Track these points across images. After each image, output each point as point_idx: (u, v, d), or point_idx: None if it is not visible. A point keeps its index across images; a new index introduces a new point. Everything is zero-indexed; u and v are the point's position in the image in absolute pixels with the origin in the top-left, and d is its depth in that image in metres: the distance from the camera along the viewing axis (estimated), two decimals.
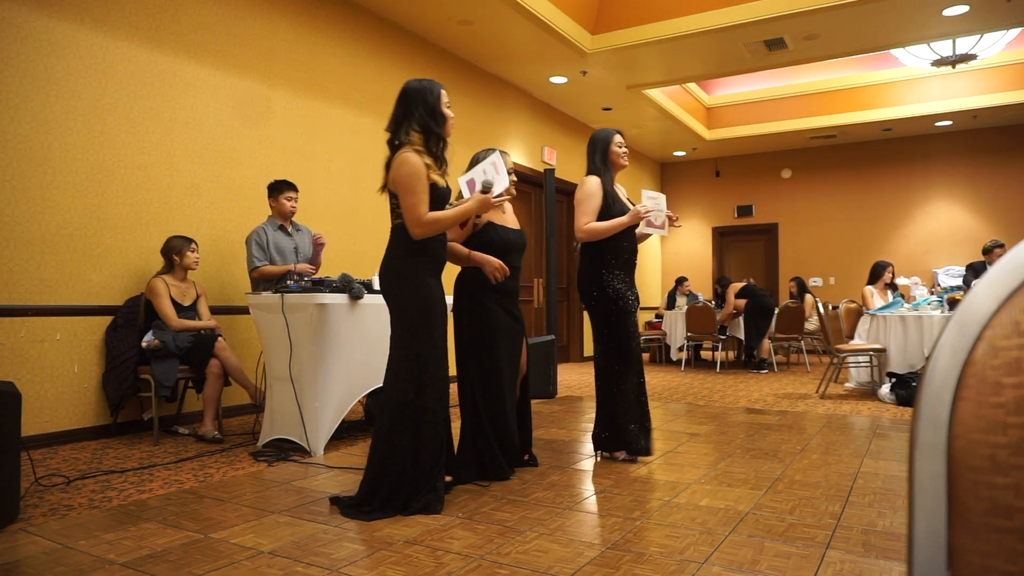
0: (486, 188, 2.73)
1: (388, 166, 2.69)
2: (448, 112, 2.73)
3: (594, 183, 3.44)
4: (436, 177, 2.66)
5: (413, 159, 2.59)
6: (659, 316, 9.02)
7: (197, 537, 2.34)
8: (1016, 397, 0.42)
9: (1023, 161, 9.84)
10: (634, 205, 3.50)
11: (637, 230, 3.53)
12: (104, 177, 4.17)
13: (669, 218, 3.61)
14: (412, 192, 2.56)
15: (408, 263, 2.67)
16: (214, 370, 4.10)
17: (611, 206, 3.42)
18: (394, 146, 2.69)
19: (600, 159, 3.53)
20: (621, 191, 3.61)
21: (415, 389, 2.61)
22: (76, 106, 4.03)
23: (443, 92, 2.74)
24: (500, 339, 3.11)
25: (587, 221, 3.38)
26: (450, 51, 6.97)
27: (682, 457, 3.59)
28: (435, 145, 2.69)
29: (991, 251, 7.10)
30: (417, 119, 2.67)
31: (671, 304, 9.44)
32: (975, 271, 7.52)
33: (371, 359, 3.89)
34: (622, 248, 3.46)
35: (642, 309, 9.47)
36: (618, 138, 3.58)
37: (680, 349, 8.56)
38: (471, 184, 2.85)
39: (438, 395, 2.66)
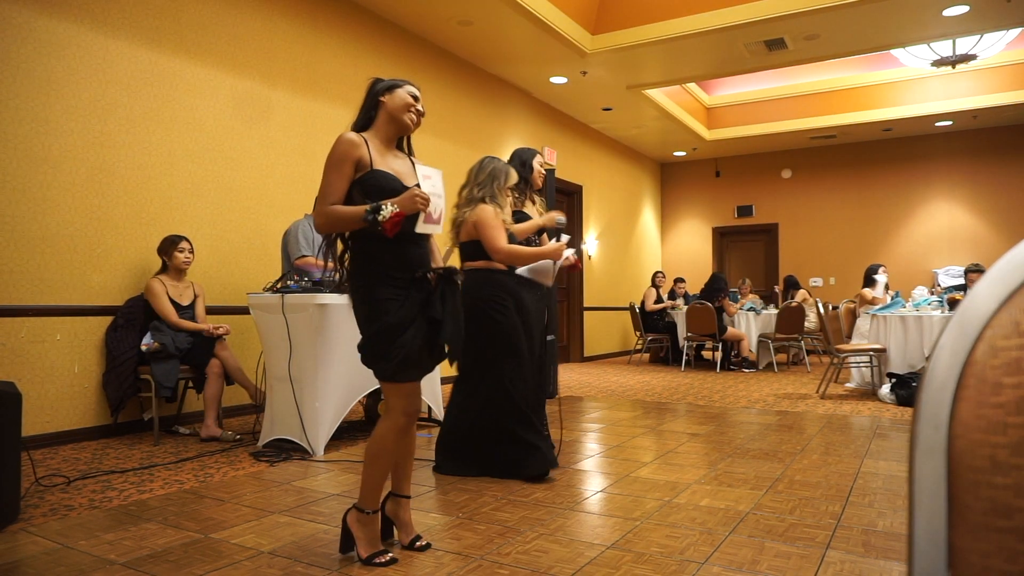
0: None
1: None
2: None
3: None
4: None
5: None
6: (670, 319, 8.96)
7: (197, 537, 2.34)
8: (1016, 397, 0.42)
9: (1023, 161, 9.84)
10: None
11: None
12: (104, 177, 4.17)
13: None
14: None
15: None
16: (214, 370, 4.10)
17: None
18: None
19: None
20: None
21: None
22: (76, 106, 4.03)
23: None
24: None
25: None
26: (450, 51, 6.97)
27: (682, 457, 3.59)
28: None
29: (966, 274, 7.27)
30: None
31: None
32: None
33: None
34: None
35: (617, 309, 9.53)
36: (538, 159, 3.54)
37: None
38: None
39: None
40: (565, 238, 3.20)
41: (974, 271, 7.11)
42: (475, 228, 3.04)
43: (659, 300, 9.22)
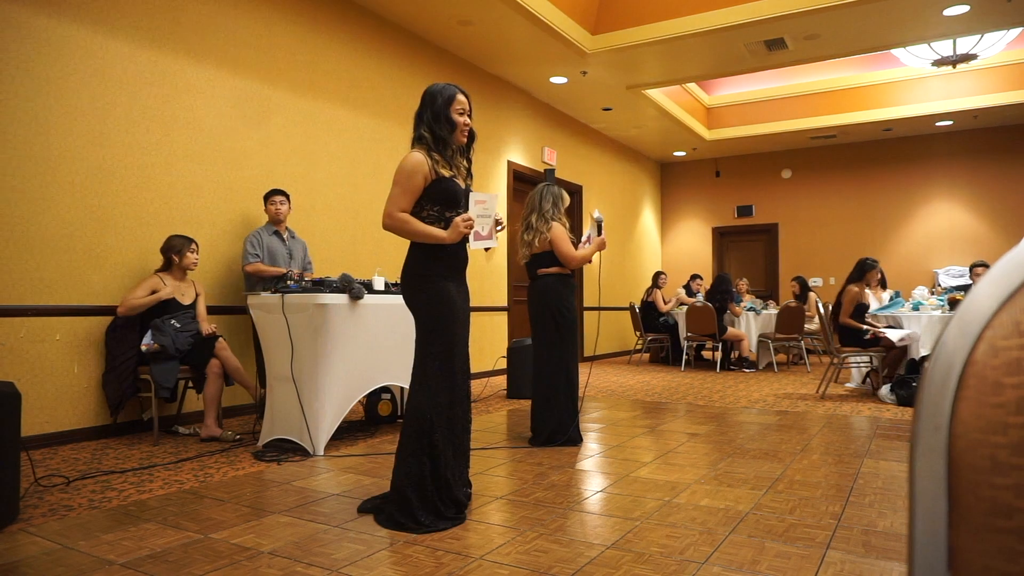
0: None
1: None
2: (457, 118, 2.64)
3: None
4: (443, 171, 2.61)
5: (411, 157, 2.58)
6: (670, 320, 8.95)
7: (197, 537, 2.34)
8: (1017, 397, 0.42)
9: (1023, 161, 9.84)
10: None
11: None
12: (104, 177, 4.17)
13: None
14: (395, 184, 2.59)
15: (425, 266, 2.62)
16: (214, 370, 4.10)
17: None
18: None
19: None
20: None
21: (430, 393, 2.56)
22: (76, 106, 4.03)
23: (458, 97, 2.64)
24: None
25: None
26: (450, 51, 6.97)
27: (682, 457, 3.58)
28: (442, 149, 2.63)
29: (971, 270, 7.28)
30: (425, 121, 2.64)
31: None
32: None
33: (371, 359, 3.89)
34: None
35: (615, 309, 9.53)
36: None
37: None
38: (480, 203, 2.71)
39: (452, 400, 2.60)
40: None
41: (980, 266, 7.10)
42: (551, 243, 3.91)
43: (664, 300, 9.23)
